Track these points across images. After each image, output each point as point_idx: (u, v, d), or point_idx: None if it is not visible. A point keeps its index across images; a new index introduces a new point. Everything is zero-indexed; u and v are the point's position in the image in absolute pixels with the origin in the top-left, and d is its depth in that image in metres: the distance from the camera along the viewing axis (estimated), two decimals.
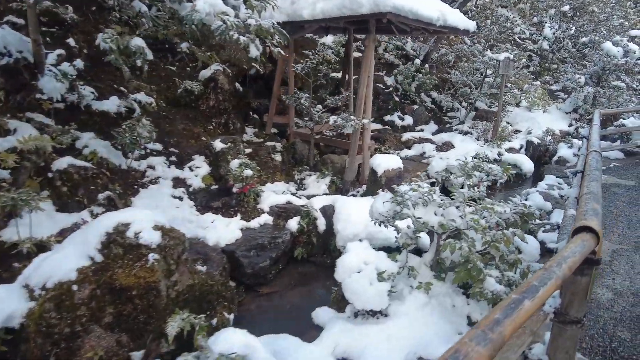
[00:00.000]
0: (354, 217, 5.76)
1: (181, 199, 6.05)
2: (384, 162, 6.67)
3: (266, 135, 9.10)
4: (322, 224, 6.11)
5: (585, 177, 3.71)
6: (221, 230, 5.57)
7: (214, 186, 6.47)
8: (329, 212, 6.18)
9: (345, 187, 7.75)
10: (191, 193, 6.25)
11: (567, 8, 15.84)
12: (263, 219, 6.05)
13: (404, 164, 8.69)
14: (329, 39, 12.87)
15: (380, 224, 4.38)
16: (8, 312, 3.43)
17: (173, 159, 6.76)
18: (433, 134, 12.21)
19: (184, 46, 7.74)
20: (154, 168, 6.37)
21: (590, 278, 2.50)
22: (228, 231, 5.58)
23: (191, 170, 6.59)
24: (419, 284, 3.84)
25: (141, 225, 3.96)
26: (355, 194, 7.68)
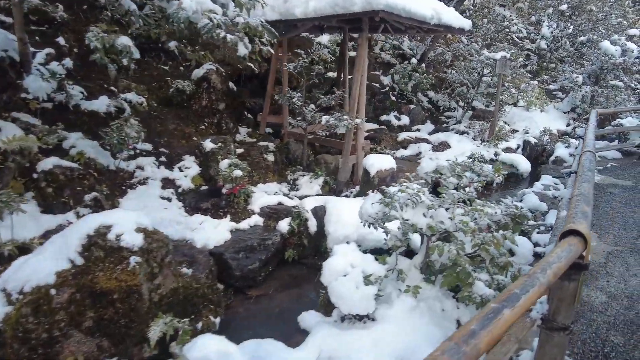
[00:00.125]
0: (345, 219, 5.68)
1: (170, 200, 5.97)
2: (376, 163, 6.58)
3: (260, 135, 9.01)
4: (313, 225, 6.02)
5: (577, 178, 3.62)
6: (210, 231, 5.48)
7: (204, 187, 6.38)
8: (320, 213, 6.10)
9: (339, 187, 7.66)
10: (180, 194, 6.17)
11: (565, 7, 15.75)
12: (253, 220, 5.96)
13: (399, 164, 8.61)
14: (324, 38, 12.78)
15: (369, 226, 4.30)
16: None
17: (163, 159, 6.67)
18: (429, 133, 12.12)
19: (172, 45, 7.63)
20: (143, 169, 6.29)
21: (578, 283, 2.41)
22: (217, 233, 5.49)
23: (181, 170, 6.50)
24: (407, 287, 3.75)
25: (123, 227, 3.87)
26: (348, 194, 7.60)
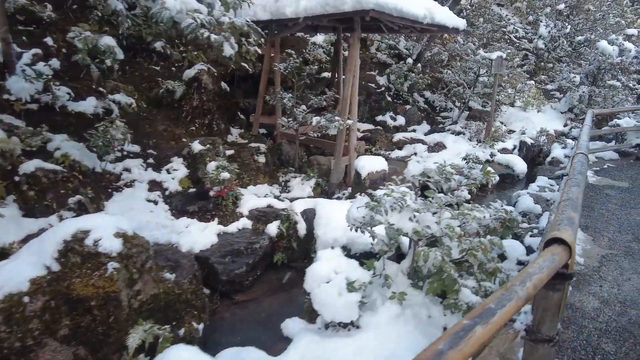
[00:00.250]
0: (334, 222, 5.57)
1: (156, 202, 5.86)
2: (368, 164, 6.48)
3: (252, 136, 8.91)
4: (302, 228, 5.92)
5: (566, 181, 3.52)
6: (196, 235, 5.37)
7: (192, 189, 6.28)
8: (310, 216, 5.99)
9: (331, 189, 7.56)
10: (167, 197, 6.06)
11: (562, 6, 15.64)
12: (242, 223, 5.86)
13: (393, 165, 8.51)
14: (319, 38, 12.68)
15: (356, 230, 4.19)
16: None
17: (151, 161, 6.57)
18: (425, 134, 12.03)
19: (159, 45, 7.52)
20: (130, 171, 6.18)
21: (562, 293, 2.31)
22: (203, 236, 5.39)
23: (169, 172, 6.39)
24: (392, 293, 3.65)
25: (102, 232, 3.77)
26: (340, 196, 7.50)
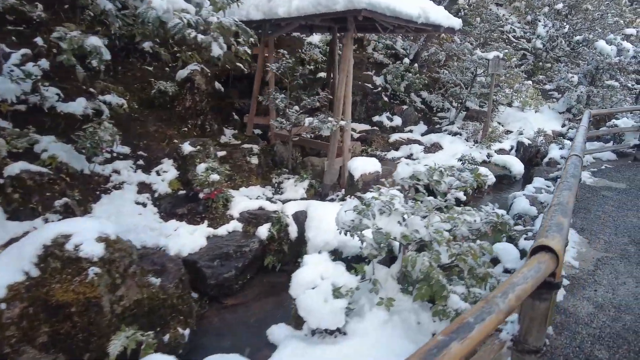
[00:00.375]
0: (326, 224, 5.48)
1: (145, 205, 5.77)
2: (360, 166, 6.39)
3: (246, 137, 8.82)
4: (294, 230, 5.83)
5: (558, 185, 3.43)
6: (185, 238, 5.29)
7: (182, 191, 6.18)
8: (301, 218, 5.90)
9: (325, 191, 7.47)
10: (156, 199, 5.97)
11: (561, 6, 15.54)
12: (232, 226, 5.77)
13: (389, 167, 8.42)
14: (315, 38, 12.59)
15: (345, 234, 4.11)
16: None
17: (141, 162, 6.48)
18: (422, 134, 11.94)
19: (147, 45, 7.43)
20: (119, 173, 6.09)
21: (549, 303, 2.23)
22: (192, 239, 5.30)
23: (158, 174, 6.30)
24: (380, 299, 3.56)
25: (83, 236, 3.69)
26: (334, 198, 7.41)
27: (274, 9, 7.15)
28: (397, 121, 12.28)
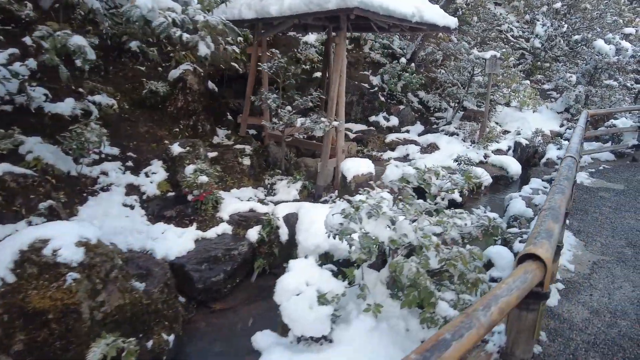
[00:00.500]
0: (316, 227, 5.36)
1: (132, 207, 5.67)
2: (353, 167, 6.28)
3: (239, 138, 8.72)
4: (284, 233, 5.73)
5: (551, 187, 3.31)
6: (172, 241, 5.18)
7: (171, 193, 6.08)
8: (292, 221, 5.80)
9: (318, 192, 7.36)
10: (145, 201, 5.86)
11: (559, 5, 15.41)
12: (221, 229, 5.67)
13: (384, 167, 8.31)
14: (311, 38, 12.47)
15: (334, 237, 4.00)
16: None
17: (130, 164, 6.37)
18: (419, 134, 11.83)
19: (134, 45, 7.31)
20: (107, 174, 5.98)
21: (537, 314, 2.12)
22: (180, 242, 5.20)
23: (147, 176, 6.19)
24: (367, 306, 3.45)
25: (62, 241, 3.58)
26: (328, 199, 7.30)
27: (266, 8, 7.05)
28: (394, 121, 12.17)
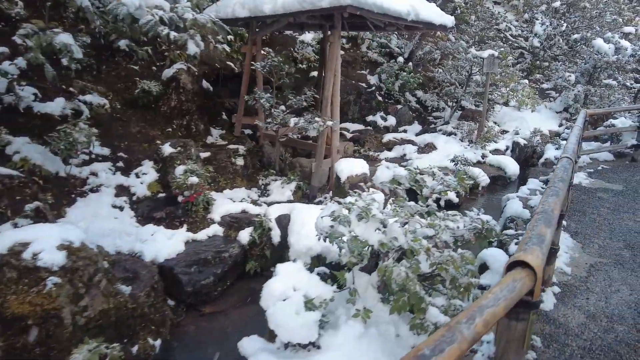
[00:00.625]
0: (308, 228, 5.24)
1: (122, 208, 5.57)
2: (347, 168, 6.18)
3: (234, 138, 8.62)
4: (276, 235, 5.63)
5: (545, 190, 3.21)
6: (161, 243, 5.09)
7: (161, 194, 5.98)
8: (284, 222, 5.70)
9: (312, 193, 7.26)
10: (134, 202, 5.77)
11: (558, 4, 15.30)
12: (212, 230, 5.57)
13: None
14: (308, 37, 12.38)
15: (325, 240, 3.90)
16: None
17: (120, 164, 6.27)
18: (417, 134, 11.72)
19: (122, 44, 7.20)
20: (97, 175, 5.89)
21: (527, 324, 2.02)
22: (169, 245, 5.11)
23: (138, 177, 6.10)
24: (356, 311, 3.36)
25: (43, 244, 3.49)
26: (322, 200, 7.20)
27: (259, 6, 6.95)
28: (391, 121, 12.07)
